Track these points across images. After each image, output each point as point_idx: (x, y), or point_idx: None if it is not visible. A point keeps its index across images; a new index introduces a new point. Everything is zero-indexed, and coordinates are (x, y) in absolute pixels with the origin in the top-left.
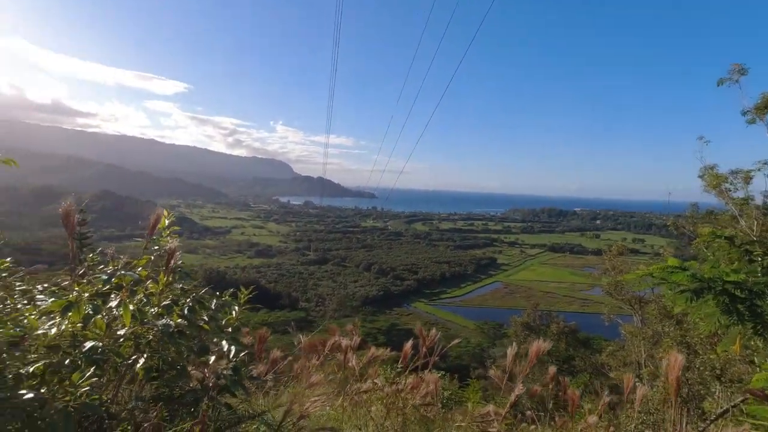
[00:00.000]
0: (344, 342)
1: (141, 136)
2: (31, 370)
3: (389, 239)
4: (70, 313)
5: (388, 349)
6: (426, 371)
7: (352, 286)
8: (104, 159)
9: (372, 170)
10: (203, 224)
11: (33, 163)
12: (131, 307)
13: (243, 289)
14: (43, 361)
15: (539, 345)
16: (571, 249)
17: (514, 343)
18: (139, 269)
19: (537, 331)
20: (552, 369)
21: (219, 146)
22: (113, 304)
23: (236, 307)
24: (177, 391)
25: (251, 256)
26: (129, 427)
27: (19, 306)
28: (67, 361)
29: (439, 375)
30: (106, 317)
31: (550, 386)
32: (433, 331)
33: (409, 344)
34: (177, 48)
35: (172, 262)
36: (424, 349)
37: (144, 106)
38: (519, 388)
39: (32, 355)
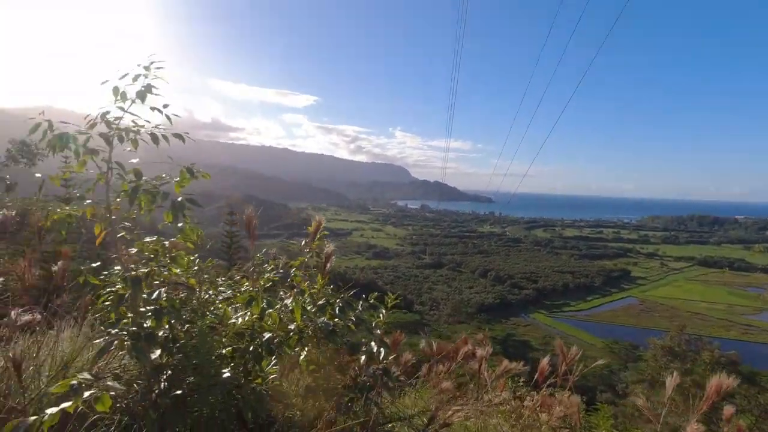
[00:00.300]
0: (479, 352)
1: (277, 145)
2: (224, 352)
3: (507, 245)
4: (251, 306)
5: (521, 363)
6: (562, 391)
7: (468, 292)
8: (248, 167)
9: (492, 174)
10: (327, 226)
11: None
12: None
13: (390, 294)
14: (231, 346)
15: (721, 382)
16: (730, 264)
17: (675, 373)
18: (293, 270)
19: (683, 358)
20: (729, 409)
21: (342, 153)
22: (288, 301)
23: (383, 311)
24: (332, 383)
25: (369, 257)
26: (298, 413)
27: (211, 297)
28: (251, 348)
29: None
30: (279, 311)
31: (725, 429)
32: (574, 348)
33: (545, 360)
34: (308, 65)
35: (328, 265)
36: (564, 367)
37: (281, 119)
38: (694, 428)
39: (224, 340)
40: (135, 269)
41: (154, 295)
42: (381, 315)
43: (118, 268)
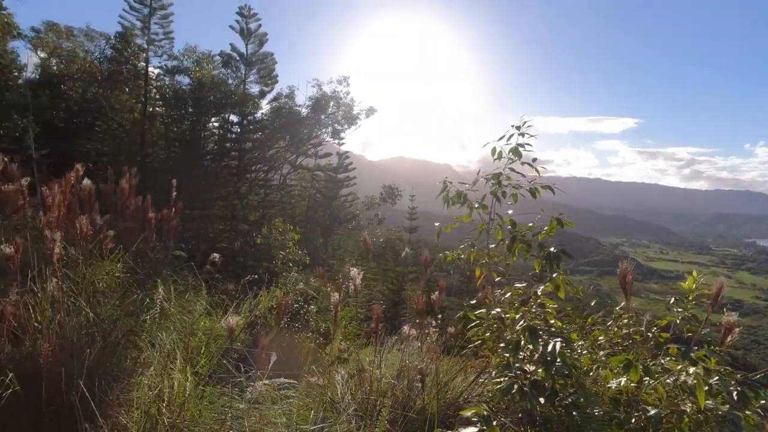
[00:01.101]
0: None
1: (588, 176)
2: (595, 412)
3: None
4: (629, 372)
5: None
6: None
7: None
8: (556, 199)
9: None
10: (648, 266)
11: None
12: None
13: None
14: (606, 411)
15: None
16: None
17: None
18: (655, 329)
19: None
20: None
21: (672, 180)
22: (688, 379)
23: None
24: None
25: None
26: None
27: (587, 353)
28: (632, 420)
29: None
30: (667, 386)
31: None
32: None
33: None
34: (626, 86)
35: (729, 338)
36: None
37: (593, 147)
38: None
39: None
40: (503, 313)
41: (549, 348)
42: None
43: (498, 310)
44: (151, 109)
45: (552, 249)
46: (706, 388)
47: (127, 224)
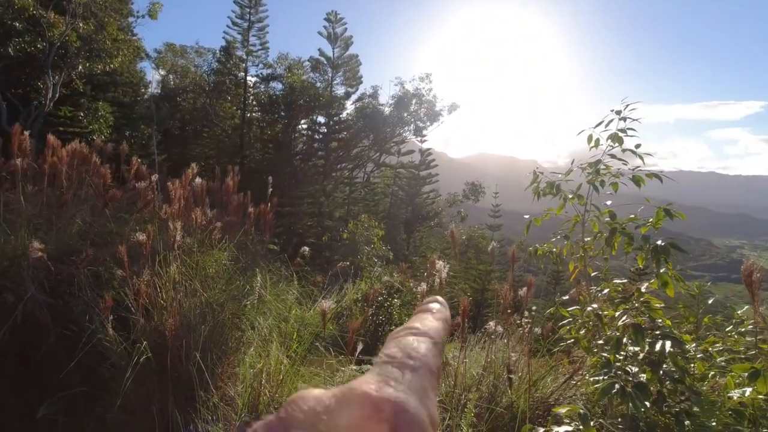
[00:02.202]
0: None
1: (698, 170)
2: (712, 424)
3: None
4: (756, 381)
5: None
6: None
7: None
8: (659, 195)
9: None
10: None
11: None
12: None
13: None
14: (725, 423)
15: None
16: None
17: None
18: None
19: None
20: None
21: None
22: None
23: None
24: None
25: None
26: None
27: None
28: None
29: None
30: None
31: None
32: None
33: None
34: (747, 69)
35: None
36: None
37: (706, 137)
38: None
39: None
40: (600, 310)
41: (658, 346)
42: None
43: (595, 305)
44: (249, 115)
45: (660, 242)
46: None
47: (231, 218)
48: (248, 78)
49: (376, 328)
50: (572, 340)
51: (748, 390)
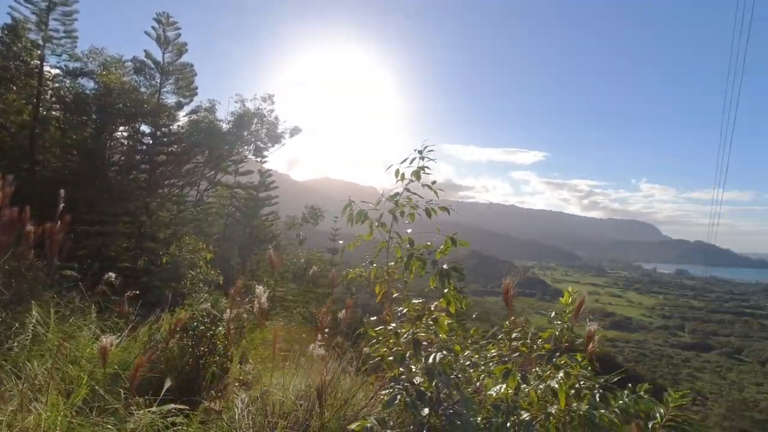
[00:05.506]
0: None
1: (504, 203)
2: (478, 421)
3: None
4: (507, 379)
5: None
6: None
7: (753, 390)
8: (475, 223)
9: None
10: (555, 287)
11: (433, 229)
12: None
13: (672, 392)
14: (486, 417)
15: None
16: None
17: None
18: (540, 341)
19: None
20: None
21: (574, 209)
22: (552, 383)
23: (661, 411)
24: None
25: (605, 326)
26: None
27: (473, 363)
28: (507, 424)
29: None
30: (538, 390)
31: None
32: None
33: None
34: (538, 123)
35: (591, 345)
36: None
37: (508, 177)
38: None
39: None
40: (398, 327)
41: (431, 359)
42: (659, 416)
43: (394, 325)
44: (44, 112)
45: (444, 266)
46: (573, 391)
47: None
48: (46, 68)
49: (197, 361)
50: (379, 358)
51: (503, 387)
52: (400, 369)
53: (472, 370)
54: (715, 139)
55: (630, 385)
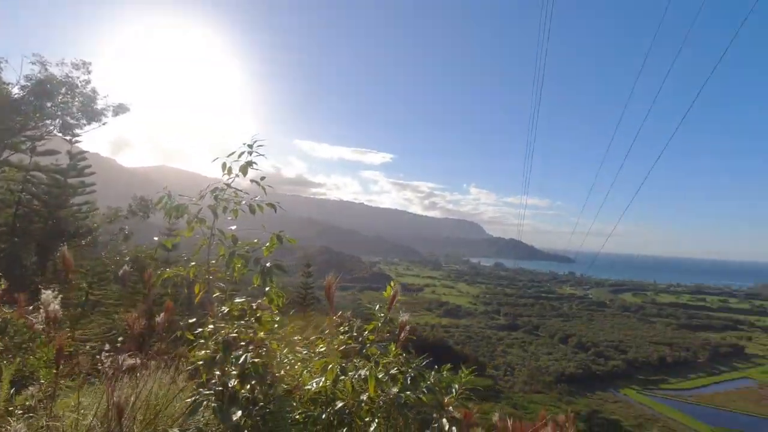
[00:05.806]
0: None
1: (354, 200)
2: (296, 417)
3: (590, 309)
4: (326, 373)
5: None
6: None
7: (545, 358)
8: (326, 220)
9: (572, 232)
10: (398, 280)
11: (284, 225)
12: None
13: (464, 369)
14: (304, 411)
15: None
16: None
17: None
18: (366, 333)
19: None
20: None
21: (416, 208)
22: (363, 371)
23: (456, 386)
24: None
25: (440, 315)
26: None
27: (290, 360)
28: (323, 416)
29: None
30: (352, 379)
31: None
32: None
33: None
34: (385, 125)
35: (402, 335)
36: None
37: (358, 176)
38: None
39: (295, 404)
40: (222, 327)
41: (241, 360)
42: (454, 390)
43: (211, 326)
44: None
45: (267, 264)
46: (387, 378)
47: None
48: None
49: None
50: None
51: (321, 380)
52: (217, 372)
53: (297, 366)
54: (523, 153)
55: (459, 365)
